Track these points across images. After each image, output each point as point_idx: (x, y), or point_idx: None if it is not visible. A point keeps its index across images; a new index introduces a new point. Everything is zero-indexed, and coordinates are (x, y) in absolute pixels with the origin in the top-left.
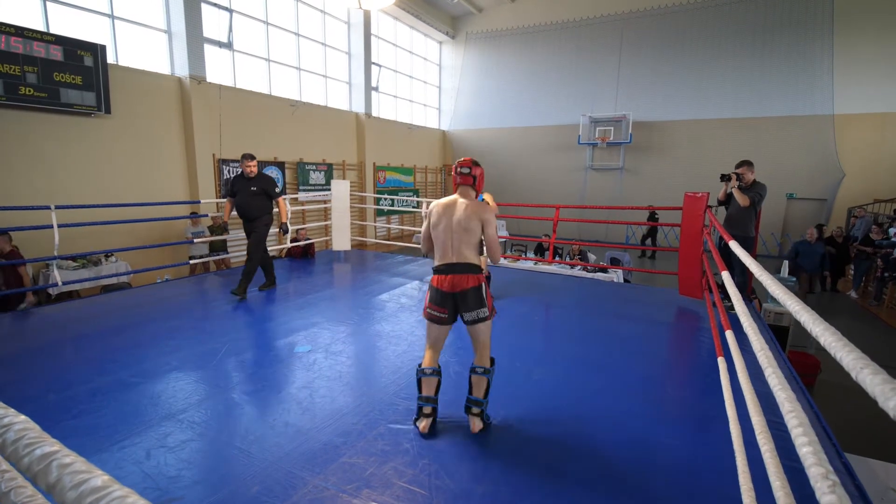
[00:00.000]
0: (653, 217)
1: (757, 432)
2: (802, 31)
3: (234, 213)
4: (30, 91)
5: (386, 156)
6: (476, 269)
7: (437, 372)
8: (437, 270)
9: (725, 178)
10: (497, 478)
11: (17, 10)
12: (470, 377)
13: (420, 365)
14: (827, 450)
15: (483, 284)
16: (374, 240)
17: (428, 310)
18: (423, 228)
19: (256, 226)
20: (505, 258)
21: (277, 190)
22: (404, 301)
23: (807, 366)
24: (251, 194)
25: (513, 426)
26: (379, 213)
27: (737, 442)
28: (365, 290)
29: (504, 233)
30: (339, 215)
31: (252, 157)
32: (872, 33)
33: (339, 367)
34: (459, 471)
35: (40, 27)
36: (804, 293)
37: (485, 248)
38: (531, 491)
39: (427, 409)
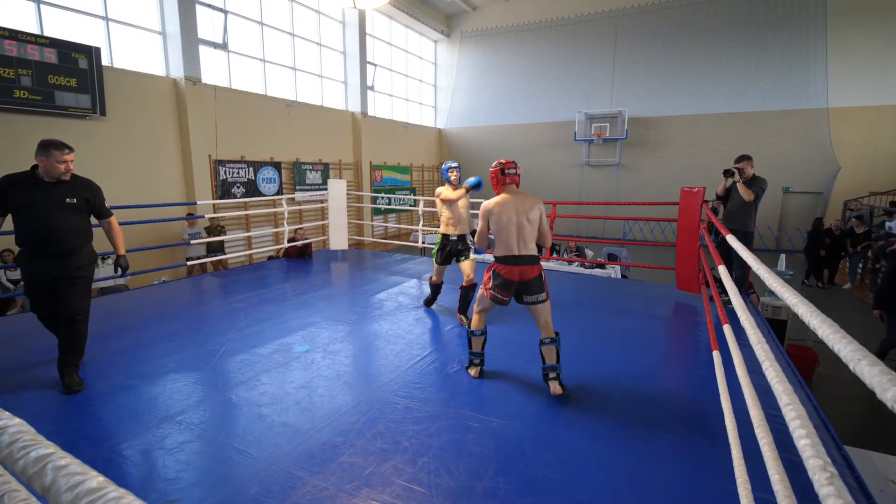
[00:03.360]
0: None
1: (755, 426)
2: (796, 24)
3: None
4: (24, 94)
5: (382, 155)
6: (537, 259)
7: (484, 332)
8: (504, 261)
9: (729, 173)
10: (497, 475)
11: (11, 13)
12: (540, 349)
13: (470, 327)
14: (826, 442)
15: (543, 273)
16: (371, 239)
17: (492, 291)
18: (479, 228)
19: (76, 269)
20: None
21: (109, 204)
22: (402, 300)
23: (805, 359)
24: (66, 209)
25: (511, 423)
26: (376, 211)
27: (732, 434)
28: (363, 289)
29: None
30: (335, 215)
31: (69, 149)
32: (866, 27)
33: (337, 367)
34: (459, 468)
35: (34, 30)
36: None
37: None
38: (530, 489)
39: (477, 361)
